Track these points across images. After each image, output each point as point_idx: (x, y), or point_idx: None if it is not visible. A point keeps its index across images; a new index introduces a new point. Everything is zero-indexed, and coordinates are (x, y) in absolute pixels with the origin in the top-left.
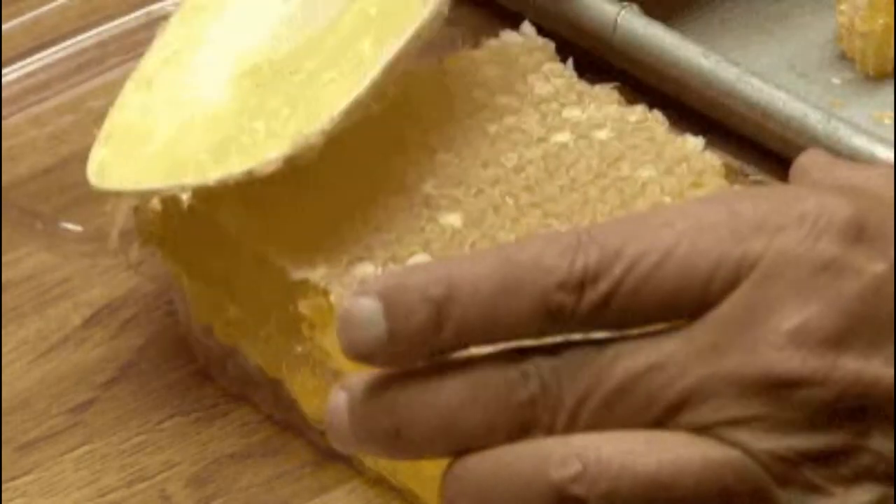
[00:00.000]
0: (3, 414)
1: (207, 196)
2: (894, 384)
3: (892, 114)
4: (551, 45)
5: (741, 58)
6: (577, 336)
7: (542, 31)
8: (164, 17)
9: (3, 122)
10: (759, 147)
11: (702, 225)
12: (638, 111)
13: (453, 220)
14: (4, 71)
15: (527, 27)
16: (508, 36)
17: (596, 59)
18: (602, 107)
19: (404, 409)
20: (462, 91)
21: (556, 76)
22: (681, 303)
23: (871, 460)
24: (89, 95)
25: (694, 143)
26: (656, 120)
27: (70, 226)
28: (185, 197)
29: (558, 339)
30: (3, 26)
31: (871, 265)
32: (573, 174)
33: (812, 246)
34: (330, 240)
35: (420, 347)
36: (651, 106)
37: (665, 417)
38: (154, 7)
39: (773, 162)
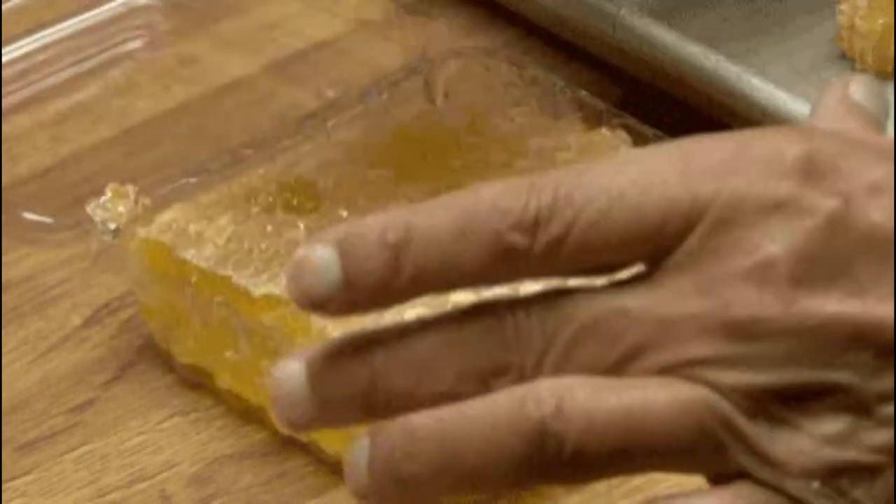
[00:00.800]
0: (3, 414)
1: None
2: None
3: (892, 113)
4: (514, 91)
5: (741, 57)
6: (550, 286)
7: (541, 31)
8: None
9: (3, 122)
10: None
11: (653, 170)
12: (602, 132)
13: None
14: (4, 70)
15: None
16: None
17: (596, 59)
18: (567, 134)
19: (379, 362)
20: (426, 139)
21: (522, 116)
22: (634, 247)
23: (838, 393)
24: (91, 95)
25: None
26: (619, 138)
27: (33, 216)
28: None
29: (529, 290)
30: (4, 25)
31: (824, 202)
32: None
33: (764, 187)
34: None
35: (376, 294)
36: (651, 105)
37: (628, 359)
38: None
39: None
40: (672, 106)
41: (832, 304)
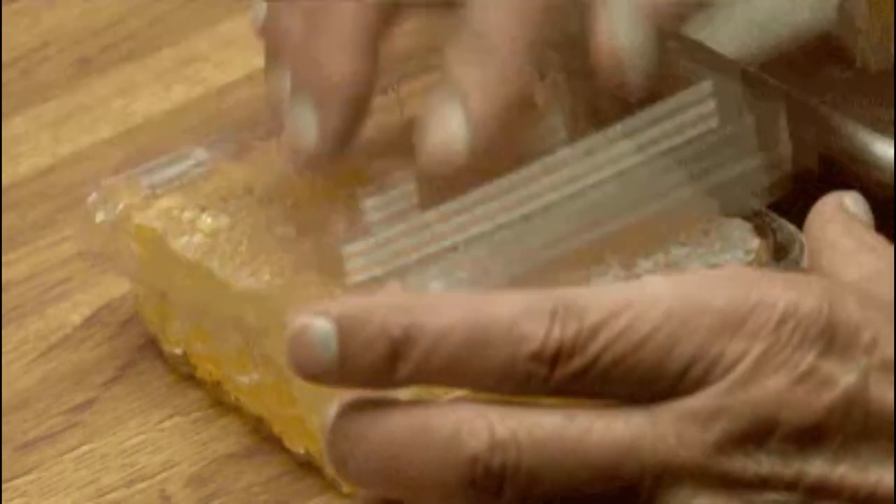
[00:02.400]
0: (3, 414)
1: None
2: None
3: (893, 112)
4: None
5: (741, 55)
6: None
7: None
8: None
9: (4, 122)
10: None
11: (681, 314)
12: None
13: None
14: (4, 70)
15: None
16: None
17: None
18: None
19: (353, 436)
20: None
21: None
22: (652, 388)
23: None
24: (91, 95)
25: None
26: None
27: (33, 216)
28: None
29: None
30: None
31: (845, 376)
32: None
33: (789, 357)
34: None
35: (372, 380)
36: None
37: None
38: None
39: None
40: None
41: (839, 473)
